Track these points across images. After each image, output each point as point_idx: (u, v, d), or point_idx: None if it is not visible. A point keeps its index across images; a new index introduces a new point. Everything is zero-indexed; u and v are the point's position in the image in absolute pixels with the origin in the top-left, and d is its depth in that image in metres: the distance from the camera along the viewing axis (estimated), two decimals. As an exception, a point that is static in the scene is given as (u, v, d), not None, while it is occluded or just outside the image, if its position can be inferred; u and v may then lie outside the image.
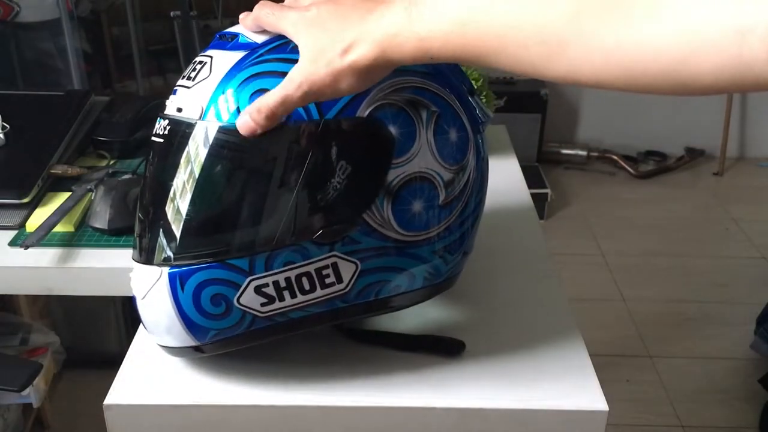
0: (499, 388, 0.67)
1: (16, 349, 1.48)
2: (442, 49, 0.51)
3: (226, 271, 0.61)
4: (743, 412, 1.92)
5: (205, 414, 0.65)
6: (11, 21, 1.86)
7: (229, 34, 0.64)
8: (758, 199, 2.98)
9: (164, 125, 0.63)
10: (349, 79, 0.55)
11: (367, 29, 0.54)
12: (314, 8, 0.58)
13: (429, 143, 0.64)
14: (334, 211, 0.61)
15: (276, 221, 0.61)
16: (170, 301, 0.63)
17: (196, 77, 0.62)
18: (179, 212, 0.62)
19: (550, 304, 0.79)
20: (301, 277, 0.62)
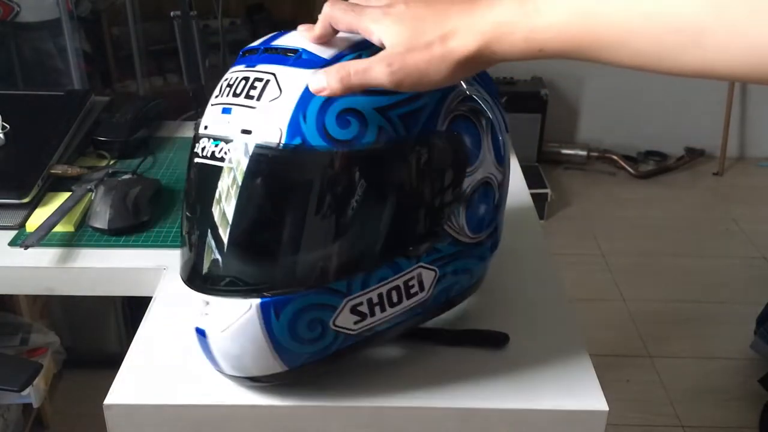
0: (499, 388, 0.67)
1: (16, 349, 1.48)
2: (556, 41, 0.50)
3: (324, 296, 0.60)
4: (743, 412, 1.92)
5: (205, 414, 0.65)
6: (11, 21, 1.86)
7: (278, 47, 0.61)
8: (758, 199, 2.98)
9: (227, 148, 0.59)
10: (443, 68, 0.53)
11: (472, 20, 0.53)
12: (400, 4, 0.56)
13: (489, 148, 0.67)
14: (424, 223, 0.63)
15: (375, 241, 0.61)
16: (262, 332, 0.60)
17: (262, 97, 0.58)
18: (271, 242, 0.60)
19: (550, 304, 0.79)
20: (392, 291, 0.63)
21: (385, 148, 0.59)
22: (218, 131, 0.60)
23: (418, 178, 0.61)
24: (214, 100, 0.62)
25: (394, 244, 0.62)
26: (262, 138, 0.57)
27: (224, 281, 0.61)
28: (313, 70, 0.57)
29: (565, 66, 3.07)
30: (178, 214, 0.95)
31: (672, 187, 3.08)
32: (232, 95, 0.60)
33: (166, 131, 1.20)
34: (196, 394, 0.66)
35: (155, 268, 0.85)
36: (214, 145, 0.60)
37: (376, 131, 0.58)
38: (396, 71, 0.54)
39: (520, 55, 0.52)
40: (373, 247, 0.61)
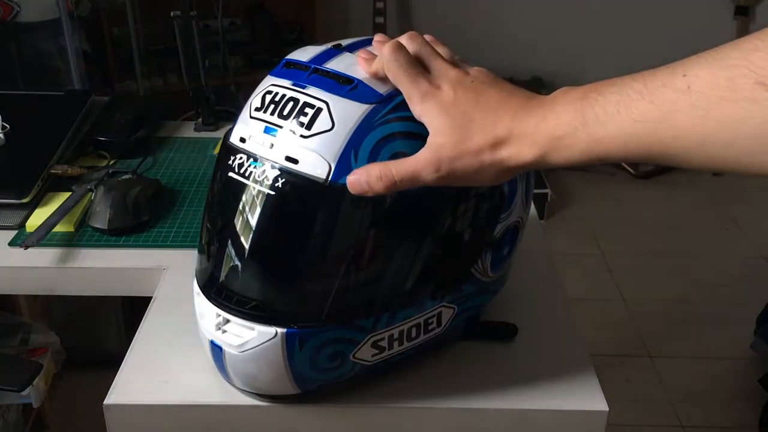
0: (498, 388, 0.67)
1: (16, 349, 1.48)
2: (619, 150, 0.48)
3: (350, 331, 0.60)
4: (743, 412, 1.92)
5: (205, 414, 0.65)
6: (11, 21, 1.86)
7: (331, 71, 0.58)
8: (758, 199, 2.98)
9: (269, 174, 0.57)
10: (492, 174, 0.53)
11: (526, 129, 0.51)
12: (448, 88, 0.54)
13: (522, 193, 0.66)
14: (453, 266, 0.64)
15: (406, 282, 0.61)
16: (283, 359, 0.59)
17: (312, 125, 0.56)
18: (308, 276, 0.59)
19: (550, 304, 0.79)
20: (412, 327, 0.63)
21: (430, 194, 0.57)
22: (259, 151, 0.58)
23: (456, 224, 0.61)
24: (255, 113, 0.60)
25: (423, 286, 0.62)
26: (309, 171, 0.55)
27: (250, 304, 0.60)
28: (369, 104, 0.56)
29: (565, 66, 3.07)
30: (178, 214, 0.95)
31: (672, 187, 3.08)
32: (278, 116, 0.58)
33: (166, 131, 1.20)
34: (196, 394, 0.66)
35: (155, 268, 0.84)
36: (254, 165, 0.58)
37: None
38: (444, 176, 0.53)
39: (576, 163, 0.50)
40: (403, 288, 0.61)
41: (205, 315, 0.62)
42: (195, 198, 1.00)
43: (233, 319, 0.60)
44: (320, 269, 0.59)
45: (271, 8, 2.80)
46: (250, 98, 0.62)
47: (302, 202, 0.57)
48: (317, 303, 0.59)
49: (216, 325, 0.61)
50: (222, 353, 0.61)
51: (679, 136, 0.45)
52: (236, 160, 0.59)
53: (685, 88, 0.44)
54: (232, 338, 0.60)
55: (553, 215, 2.84)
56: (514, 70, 3.02)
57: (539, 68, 3.10)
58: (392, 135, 0.56)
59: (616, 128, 0.47)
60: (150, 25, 2.46)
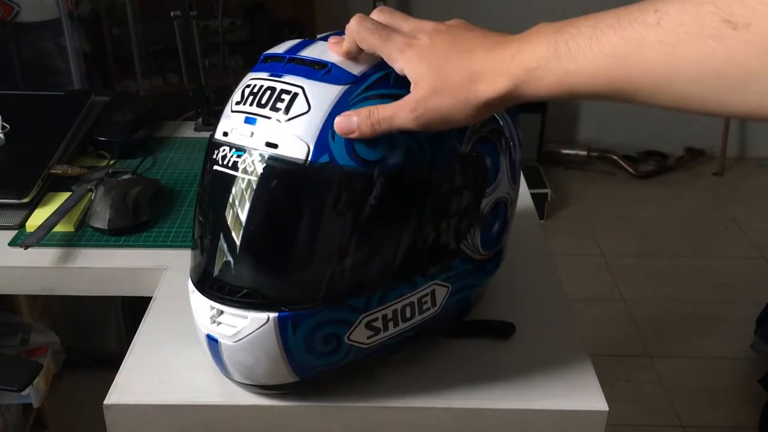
0: (499, 388, 0.67)
1: (16, 349, 1.47)
2: (589, 83, 0.49)
3: (342, 312, 0.60)
4: (743, 412, 1.92)
5: (205, 414, 0.65)
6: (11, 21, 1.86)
7: (306, 58, 0.60)
8: (758, 199, 2.98)
9: (251, 160, 0.58)
10: (471, 110, 0.54)
11: (501, 63, 0.52)
12: (425, 37, 0.55)
13: (507, 168, 0.67)
14: (441, 241, 0.64)
15: (393, 259, 0.61)
16: (278, 345, 0.60)
17: (290, 110, 0.57)
18: (294, 259, 0.60)
19: (550, 304, 0.79)
20: (406, 307, 0.63)
21: (411, 169, 0.59)
22: (240, 141, 0.59)
23: (441, 200, 0.62)
24: (235, 107, 0.61)
25: (413, 262, 0.62)
26: (289, 153, 0.57)
27: (241, 292, 0.61)
28: (343, 85, 0.57)
29: (565, 66, 3.07)
30: (178, 214, 0.95)
31: (672, 187, 3.08)
32: (256, 105, 0.59)
33: (166, 131, 1.20)
34: (196, 394, 0.66)
35: (155, 268, 0.85)
36: (237, 155, 0.59)
37: (404, 153, 0.58)
38: (420, 116, 0.54)
39: (548, 96, 0.51)
40: (393, 265, 0.61)
41: (200, 310, 0.63)
42: (195, 198, 1.00)
43: (227, 310, 0.60)
44: (307, 251, 0.60)
45: (271, 8, 2.80)
46: (232, 94, 0.63)
47: (285, 185, 0.59)
48: (307, 285, 0.60)
49: (210, 318, 0.61)
50: (218, 346, 0.62)
51: (646, 72, 0.46)
52: (220, 153, 0.60)
53: (655, 23, 0.45)
54: (226, 329, 0.61)
55: (553, 215, 2.84)
56: (514, 70, 3.02)
57: (539, 68, 3.10)
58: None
59: (586, 61, 0.48)
60: (150, 25, 2.45)
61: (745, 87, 0.43)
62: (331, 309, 0.60)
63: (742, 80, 0.43)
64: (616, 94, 0.49)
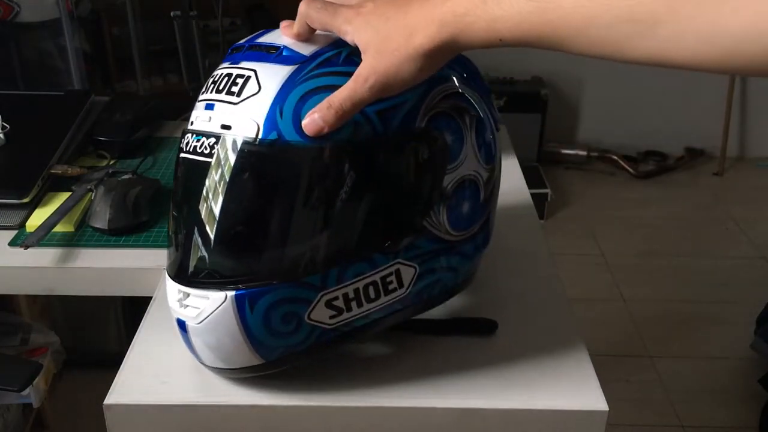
0: (499, 388, 0.67)
1: (16, 349, 1.47)
2: (515, 30, 0.50)
3: (298, 289, 0.61)
4: (743, 412, 1.92)
5: (205, 414, 0.65)
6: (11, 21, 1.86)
7: (262, 44, 0.62)
8: (758, 199, 2.98)
9: (208, 143, 0.60)
10: (415, 64, 0.55)
11: (433, 12, 0.53)
12: (369, 3, 0.57)
13: (473, 146, 0.67)
14: (401, 219, 0.63)
15: (348, 236, 0.61)
16: (237, 324, 0.60)
17: (242, 92, 0.59)
18: (247, 236, 0.61)
19: (550, 304, 0.79)
20: (368, 286, 0.63)
21: (361, 144, 0.59)
22: (200, 126, 0.61)
23: (395, 175, 0.62)
24: (200, 97, 0.63)
25: (370, 239, 0.62)
26: (241, 133, 0.58)
27: (202, 274, 0.62)
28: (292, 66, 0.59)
29: (565, 66, 3.07)
30: (178, 214, 0.95)
31: (672, 187, 3.08)
32: (215, 91, 0.61)
33: (166, 131, 1.20)
34: (195, 394, 0.66)
35: (155, 268, 0.85)
36: (196, 140, 0.61)
37: (352, 127, 0.58)
38: (374, 84, 0.55)
39: (480, 44, 0.53)
40: (347, 242, 0.61)
41: (170, 296, 0.64)
42: (195, 198, 1.00)
43: (192, 292, 0.62)
44: (260, 228, 0.61)
45: (271, 8, 2.80)
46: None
47: (238, 164, 0.59)
48: (263, 262, 0.61)
49: (179, 302, 0.63)
50: (187, 330, 0.63)
51: (564, 17, 0.48)
52: (184, 141, 0.63)
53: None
54: (191, 311, 0.62)
55: (553, 215, 2.84)
56: (514, 70, 3.02)
57: (539, 68, 3.10)
58: (316, 89, 0.58)
59: (509, 7, 0.50)
60: (150, 25, 2.45)
61: (653, 32, 0.45)
62: (286, 286, 0.60)
63: (650, 25, 0.45)
64: (541, 40, 0.51)
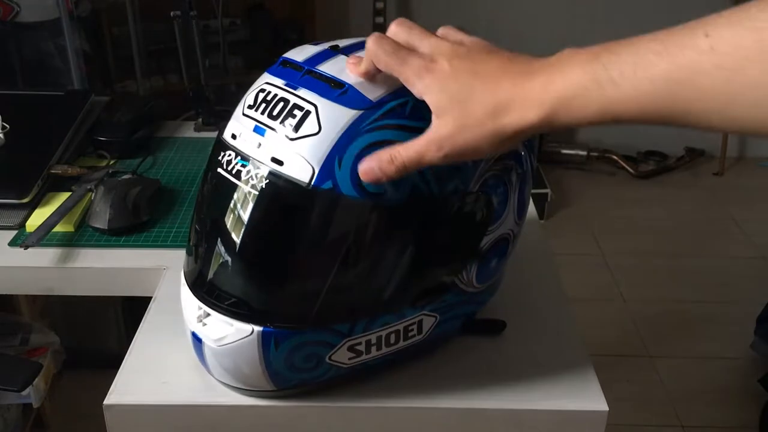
0: (499, 388, 0.67)
1: (16, 349, 1.48)
2: (635, 110, 0.47)
3: (325, 334, 0.60)
4: (743, 412, 1.92)
5: (205, 414, 0.65)
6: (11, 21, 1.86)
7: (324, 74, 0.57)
8: (758, 199, 2.98)
9: (255, 173, 0.57)
10: (499, 142, 0.51)
11: (530, 92, 0.49)
12: (444, 61, 0.52)
13: (514, 205, 0.66)
14: (435, 276, 0.63)
15: (384, 289, 0.61)
16: (258, 357, 0.60)
17: (299, 128, 0.56)
18: (285, 277, 0.60)
19: (551, 304, 0.79)
20: (391, 334, 0.63)
21: (414, 205, 0.57)
22: (247, 150, 0.58)
23: (440, 236, 0.61)
24: (247, 110, 0.60)
25: (403, 294, 0.62)
26: (294, 174, 0.55)
27: (229, 300, 0.61)
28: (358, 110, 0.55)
29: (565, 66, 3.07)
30: (178, 214, 0.95)
31: (672, 187, 3.08)
32: (267, 115, 0.58)
33: (166, 131, 1.20)
34: (195, 394, 0.66)
35: (155, 268, 0.84)
36: (241, 164, 0.58)
37: (409, 188, 0.57)
38: (448, 154, 0.52)
39: (588, 124, 0.49)
40: (383, 295, 0.61)
41: (188, 306, 0.64)
42: (195, 198, 1.00)
43: (213, 314, 0.61)
44: (298, 272, 0.60)
45: (271, 8, 2.80)
46: (246, 94, 0.62)
47: (284, 204, 0.58)
48: (294, 305, 0.60)
49: (197, 318, 0.62)
50: (202, 345, 0.63)
51: (701, 99, 0.44)
52: (225, 157, 0.60)
53: (707, 49, 0.43)
54: (211, 332, 0.61)
55: (553, 215, 2.84)
56: (514, 70, 3.01)
57: (539, 68, 3.10)
58: (379, 143, 0.55)
59: (632, 89, 0.46)
60: (150, 25, 2.45)
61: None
62: (315, 331, 0.60)
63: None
64: (665, 119, 0.47)
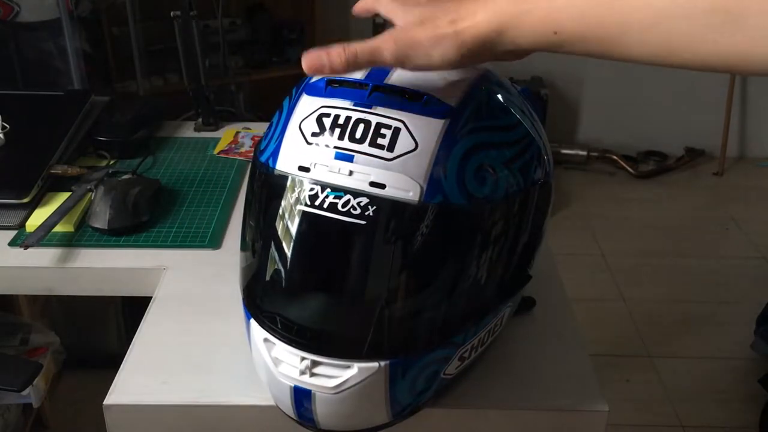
0: (499, 388, 0.67)
1: (16, 349, 1.47)
2: (575, 23, 0.46)
3: (445, 350, 0.60)
4: (743, 412, 1.92)
5: (205, 414, 0.65)
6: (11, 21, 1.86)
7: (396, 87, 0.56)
8: (758, 199, 2.98)
9: (356, 203, 0.53)
10: (451, 48, 0.50)
11: (486, 3, 0.50)
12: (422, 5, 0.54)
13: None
14: (522, 267, 0.65)
15: (493, 290, 0.61)
16: (385, 391, 0.58)
17: (394, 147, 0.53)
18: (413, 303, 0.58)
19: (550, 304, 0.79)
20: (486, 333, 0.63)
21: (508, 203, 0.58)
22: (338, 180, 0.54)
23: (528, 224, 0.62)
24: (315, 138, 0.55)
25: (504, 290, 0.63)
26: (400, 194, 0.53)
27: (345, 342, 0.58)
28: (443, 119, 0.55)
29: (565, 66, 3.07)
30: (178, 214, 0.95)
31: (672, 187, 3.08)
32: (349, 140, 0.54)
33: (166, 131, 1.20)
34: (196, 394, 0.66)
35: (155, 268, 0.85)
36: (335, 196, 0.54)
37: (505, 185, 0.57)
38: (401, 48, 0.51)
39: (532, 39, 0.49)
40: (490, 295, 0.61)
41: (285, 361, 0.58)
42: (195, 198, 1.00)
43: (325, 361, 0.57)
44: (423, 293, 0.58)
45: (271, 8, 2.80)
46: (297, 121, 0.57)
47: (398, 227, 0.55)
48: (423, 328, 0.58)
49: (301, 371, 0.57)
50: (311, 397, 0.58)
51: (639, 8, 0.44)
52: (306, 192, 0.55)
53: None
54: (324, 380, 0.57)
55: (553, 215, 2.82)
56: (514, 70, 3.02)
57: (539, 68, 3.10)
58: (475, 146, 0.56)
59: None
60: (150, 25, 2.45)
61: (739, 23, 0.40)
62: (439, 348, 0.59)
63: (737, 15, 0.40)
64: (602, 40, 0.46)
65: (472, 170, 0.55)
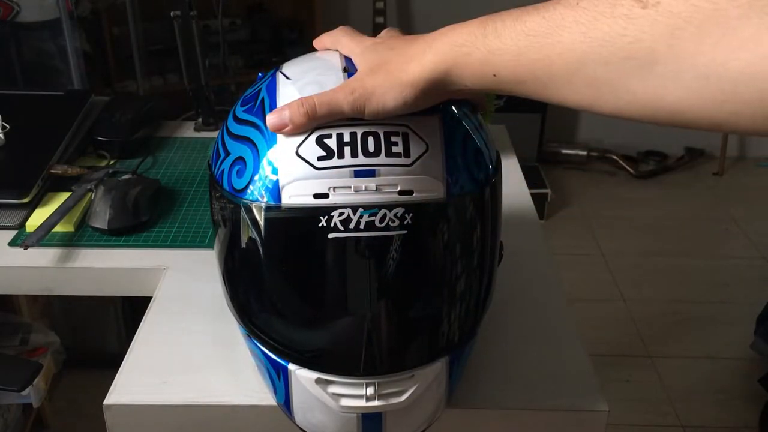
0: (499, 388, 0.67)
1: (16, 349, 1.48)
2: (511, 65, 0.48)
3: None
4: (743, 412, 1.92)
5: (205, 414, 0.65)
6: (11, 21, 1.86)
7: None
8: (758, 199, 2.98)
9: (393, 214, 0.53)
10: (402, 92, 0.53)
11: (432, 42, 0.52)
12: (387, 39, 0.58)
13: None
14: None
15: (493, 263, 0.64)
16: (446, 385, 0.60)
17: (410, 152, 0.54)
18: (468, 295, 0.60)
19: (550, 304, 0.79)
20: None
21: (498, 178, 0.61)
22: (367, 198, 0.53)
23: (495, 212, 0.64)
24: (324, 162, 0.53)
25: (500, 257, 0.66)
26: (427, 196, 0.54)
27: (411, 355, 0.58)
28: (435, 114, 0.57)
29: (565, 66, 3.07)
30: (178, 214, 0.95)
31: (672, 187, 3.08)
32: (363, 155, 0.53)
33: (166, 131, 1.20)
34: (196, 394, 0.66)
35: (155, 268, 0.85)
36: (368, 214, 0.52)
37: (488, 164, 0.60)
38: (357, 98, 0.53)
39: (475, 80, 0.50)
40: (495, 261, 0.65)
41: (348, 393, 0.57)
42: (195, 198, 1.00)
43: (390, 379, 0.57)
44: (475, 282, 0.60)
45: (271, 8, 2.80)
46: (291, 149, 0.54)
47: (434, 227, 0.56)
48: (471, 311, 0.61)
49: (368, 397, 0.57)
50: (381, 417, 0.58)
51: (562, 53, 0.45)
52: (335, 218, 0.53)
53: (575, 3, 0.44)
54: (394, 398, 0.57)
55: (553, 215, 2.84)
56: (514, 70, 3.02)
57: (539, 68, 3.10)
58: (466, 134, 0.58)
59: (509, 39, 0.47)
60: (150, 25, 2.45)
61: (650, 69, 0.41)
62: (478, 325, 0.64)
63: (648, 61, 0.41)
64: (536, 80, 0.47)
65: (471, 156, 0.57)
